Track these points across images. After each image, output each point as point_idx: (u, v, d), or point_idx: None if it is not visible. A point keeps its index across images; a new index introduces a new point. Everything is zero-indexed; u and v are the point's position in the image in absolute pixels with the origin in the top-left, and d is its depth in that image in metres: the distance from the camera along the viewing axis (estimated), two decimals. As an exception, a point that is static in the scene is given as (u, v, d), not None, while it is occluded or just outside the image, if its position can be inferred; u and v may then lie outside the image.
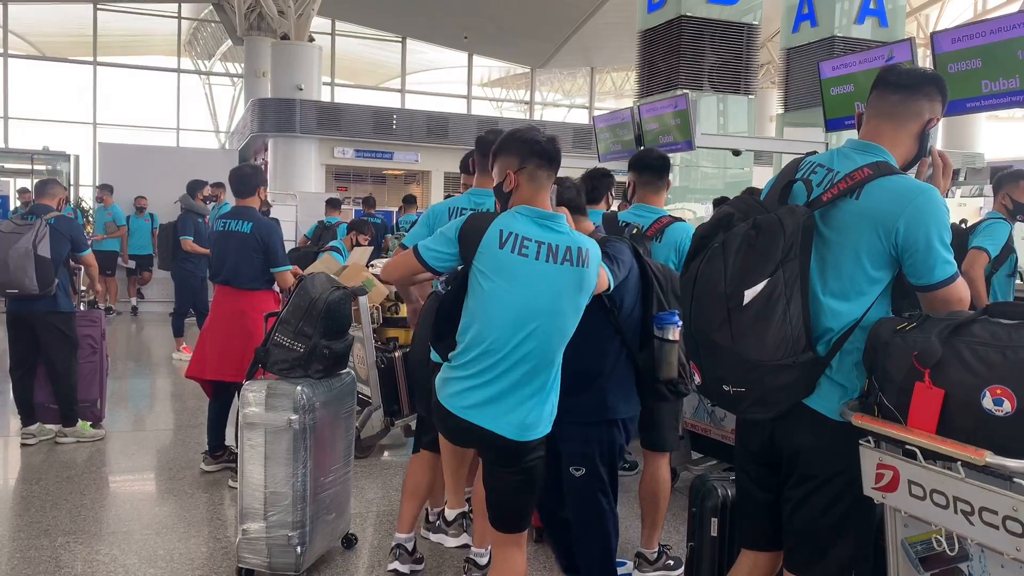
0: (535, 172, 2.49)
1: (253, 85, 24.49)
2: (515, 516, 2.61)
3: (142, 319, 11.90)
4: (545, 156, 2.51)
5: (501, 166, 2.54)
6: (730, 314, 2.04)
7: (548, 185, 2.54)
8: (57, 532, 3.91)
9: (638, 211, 3.69)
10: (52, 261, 5.00)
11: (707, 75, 12.02)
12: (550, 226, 2.47)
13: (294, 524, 3.35)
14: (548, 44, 31.12)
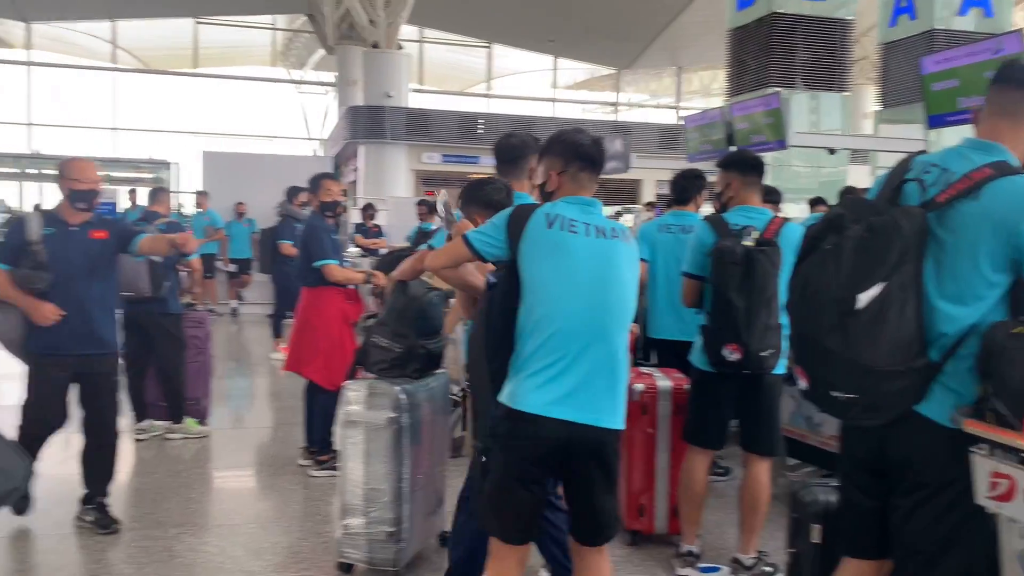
0: (578, 175, 2.53)
1: (345, 93, 25.11)
2: (612, 520, 2.59)
3: (241, 320, 12.34)
4: (589, 159, 2.54)
5: (545, 167, 2.57)
6: (842, 319, 2.00)
7: (591, 188, 2.56)
8: (169, 524, 4.11)
9: (746, 213, 3.55)
10: (163, 265, 5.26)
11: (799, 72, 11.75)
12: (591, 211, 2.51)
13: (393, 520, 3.44)
14: (635, 44, 30.91)
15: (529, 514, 2.46)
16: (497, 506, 2.47)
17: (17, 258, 3.73)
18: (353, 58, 24.50)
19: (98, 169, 4.12)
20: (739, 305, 3.24)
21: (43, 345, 3.76)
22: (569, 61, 33.80)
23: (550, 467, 2.45)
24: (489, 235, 2.50)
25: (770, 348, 3.24)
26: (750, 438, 3.56)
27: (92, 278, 3.88)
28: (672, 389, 3.83)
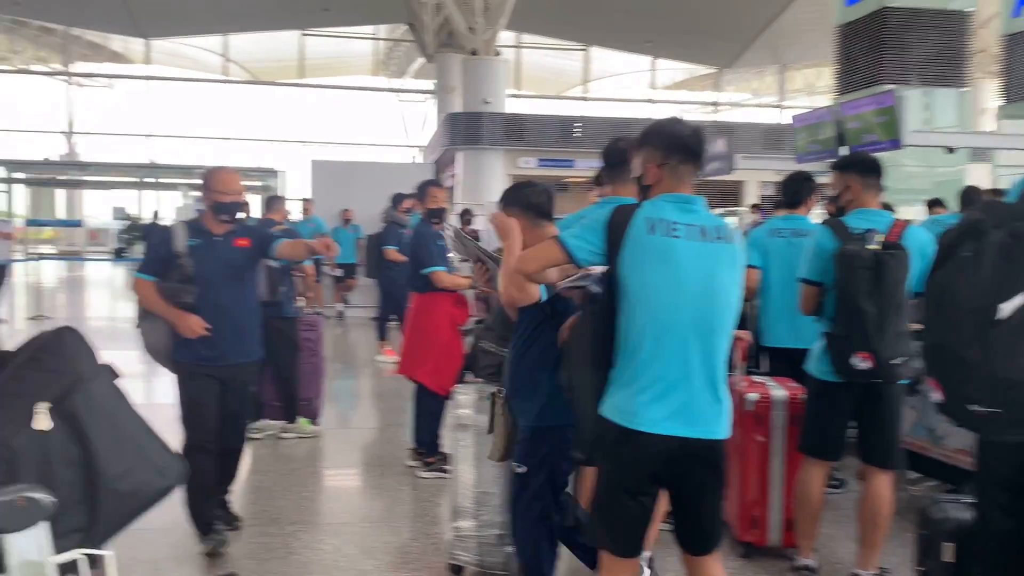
0: (678, 168, 2.42)
1: (443, 100, 25.54)
2: (720, 527, 2.54)
3: (347, 323, 12.68)
4: (689, 151, 2.43)
5: (643, 159, 2.47)
6: (982, 329, 1.90)
7: (691, 181, 2.45)
8: (285, 521, 4.25)
9: (866, 216, 3.42)
10: (279, 270, 5.45)
11: (913, 68, 11.26)
12: (691, 208, 2.40)
13: (503, 524, 3.46)
14: (736, 43, 30.31)
15: (639, 526, 2.43)
16: (606, 519, 2.44)
17: (163, 270, 3.70)
18: (452, 65, 24.89)
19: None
20: (869, 311, 3.12)
21: (192, 356, 3.72)
22: (668, 61, 33.40)
23: (660, 479, 2.41)
24: (586, 238, 2.38)
25: (902, 355, 3.12)
26: (871, 450, 3.43)
27: (237, 287, 3.85)
28: (787, 398, 3.73)
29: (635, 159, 2.52)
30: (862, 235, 3.27)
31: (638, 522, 2.42)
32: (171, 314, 3.66)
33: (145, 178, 28.20)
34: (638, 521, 2.41)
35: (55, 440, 1.42)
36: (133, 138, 31.48)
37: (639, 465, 2.35)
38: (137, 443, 1.51)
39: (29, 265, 19.17)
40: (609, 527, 2.44)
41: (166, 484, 1.55)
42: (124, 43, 33.23)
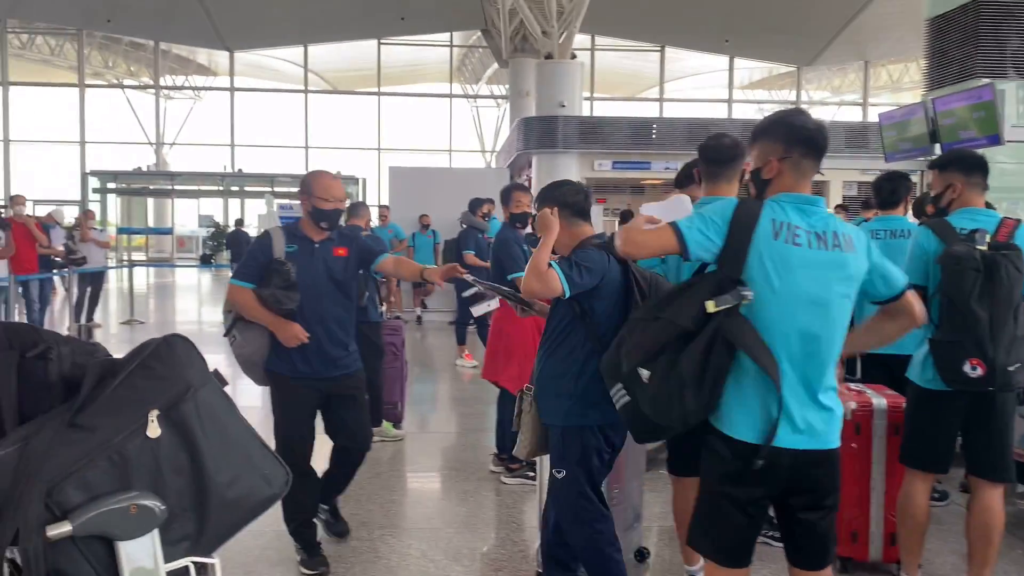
0: (800, 162, 2.31)
1: (517, 105, 25.60)
2: (834, 541, 2.44)
3: (426, 328, 12.79)
4: (813, 145, 2.32)
5: (763, 151, 2.35)
6: None
7: (812, 177, 2.34)
8: (373, 525, 4.28)
9: (971, 215, 3.25)
10: (363, 276, 5.50)
11: (1011, 61, 10.76)
12: (813, 211, 2.28)
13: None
14: (817, 40, 29.57)
15: (748, 537, 2.35)
16: (713, 528, 2.36)
17: (262, 276, 3.53)
18: (526, 70, 24.94)
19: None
20: (982, 315, 2.97)
21: (289, 368, 3.58)
22: (745, 60, 32.79)
23: (773, 492, 2.32)
24: (706, 232, 2.25)
25: (1017, 362, 2.94)
26: (980, 462, 3.25)
27: (336, 296, 3.68)
28: (888, 407, 3.57)
29: (753, 151, 2.41)
30: (969, 235, 3.11)
31: (746, 533, 2.34)
32: (272, 322, 3.52)
33: (230, 186, 29.07)
34: (746, 532, 2.33)
35: (165, 447, 1.43)
36: (218, 148, 32.50)
37: (754, 479, 2.25)
38: (245, 451, 1.52)
39: (122, 271, 19.96)
40: (715, 538, 2.36)
41: (272, 492, 1.55)
42: (209, 56, 34.36)
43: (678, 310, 2.22)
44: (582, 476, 2.94)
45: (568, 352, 2.92)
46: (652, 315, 2.30)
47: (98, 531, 1.35)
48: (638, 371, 2.24)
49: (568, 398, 2.92)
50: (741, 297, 2.17)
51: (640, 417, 2.33)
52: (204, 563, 1.49)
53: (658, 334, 2.24)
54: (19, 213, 10.67)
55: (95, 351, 1.56)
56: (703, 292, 2.20)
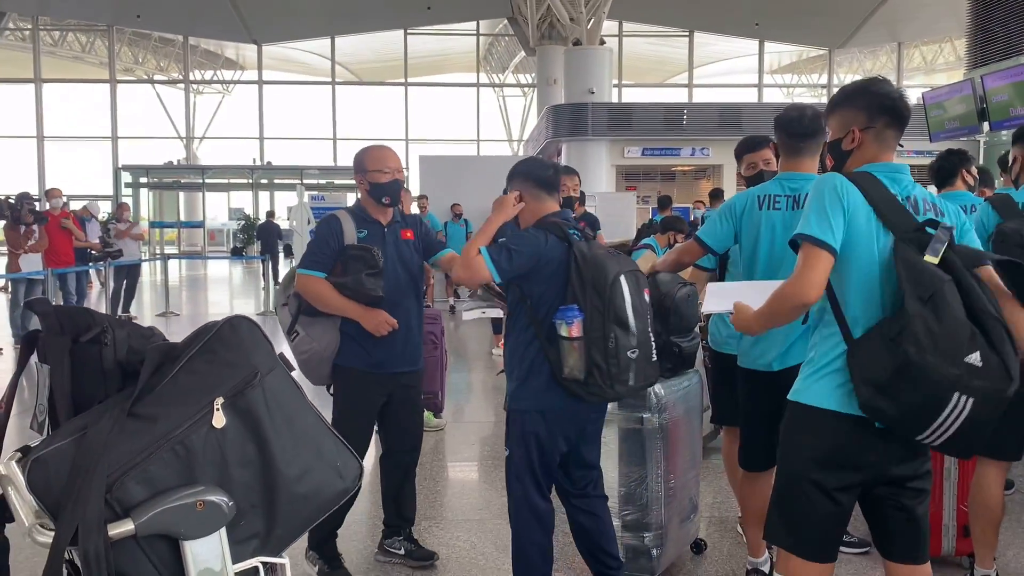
0: (883, 132, 2.21)
1: (545, 93, 25.42)
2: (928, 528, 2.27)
3: (459, 316, 12.71)
4: (897, 115, 2.22)
5: (843, 120, 2.25)
6: None
7: (894, 148, 2.23)
8: (419, 516, 4.17)
9: None
10: None
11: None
12: (901, 179, 2.19)
13: (648, 526, 3.28)
14: (849, 22, 29.07)
15: (834, 526, 2.18)
16: (792, 517, 2.19)
17: (334, 264, 3.27)
18: (554, 57, 24.75)
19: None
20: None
21: (365, 361, 3.33)
22: (776, 44, 32.33)
23: (866, 476, 2.14)
24: (829, 222, 2.08)
25: None
26: None
27: (410, 282, 3.43)
28: (960, 392, 3.40)
29: (831, 121, 2.31)
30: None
31: (833, 521, 2.16)
32: (358, 311, 3.24)
33: (259, 179, 29.22)
34: (833, 520, 2.16)
35: (231, 438, 1.32)
36: (247, 141, 32.67)
37: (849, 456, 2.09)
38: (315, 441, 1.40)
39: (155, 264, 20.11)
40: (795, 525, 2.18)
41: (345, 486, 1.44)
42: (237, 50, 34.53)
43: (919, 281, 1.96)
44: (519, 459, 2.91)
45: (516, 336, 2.89)
46: (918, 299, 1.94)
47: (163, 529, 1.25)
48: (967, 362, 1.89)
49: (514, 381, 2.90)
50: (947, 231, 2.03)
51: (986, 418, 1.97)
52: (273, 563, 1.39)
53: (949, 312, 1.93)
54: (55, 206, 10.70)
55: (152, 335, 1.46)
56: (914, 254, 2.00)
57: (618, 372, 2.71)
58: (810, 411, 2.13)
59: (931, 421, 1.91)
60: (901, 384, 1.91)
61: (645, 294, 2.81)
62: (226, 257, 26.20)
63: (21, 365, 1.47)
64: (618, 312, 2.69)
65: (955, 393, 1.87)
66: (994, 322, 1.94)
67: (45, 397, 1.39)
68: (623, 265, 2.79)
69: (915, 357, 1.88)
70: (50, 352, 1.36)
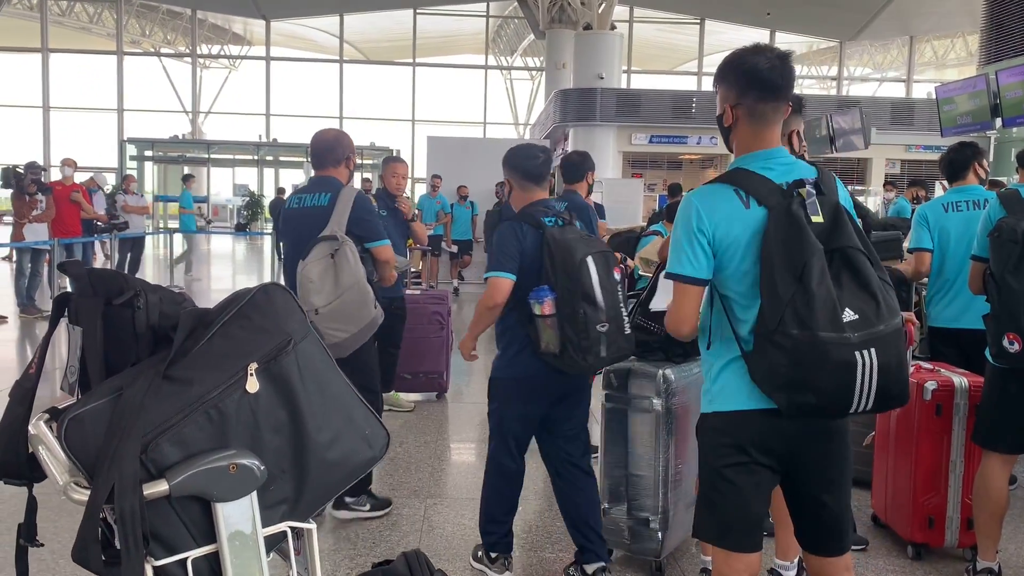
0: (756, 107, 2.07)
1: (553, 77, 25.30)
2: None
3: (462, 299, 12.71)
4: (767, 86, 2.05)
5: (720, 97, 2.15)
6: None
7: (777, 120, 2.10)
8: (425, 494, 4.22)
9: None
10: None
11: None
12: (774, 167, 2.09)
13: (655, 508, 3.30)
14: (861, 14, 28.90)
15: (751, 514, 2.13)
16: (714, 510, 2.16)
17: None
18: (563, 41, 24.61)
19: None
20: (1016, 288, 2.87)
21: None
22: (787, 35, 32.16)
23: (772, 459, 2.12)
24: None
25: None
26: (977, 429, 3.13)
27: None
28: (969, 386, 3.42)
29: (717, 97, 2.19)
30: None
31: (747, 508, 2.12)
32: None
33: (265, 156, 29.12)
34: (747, 507, 2.12)
35: (264, 403, 1.33)
36: (253, 117, 32.57)
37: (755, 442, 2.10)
38: (346, 410, 1.41)
39: (158, 238, 20.11)
40: (718, 519, 2.15)
41: (372, 455, 1.45)
42: (245, 25, 34.35)
43: (790, 260, 1.94)
44: (495, 422, 3.32)
45: (504, 316, 3.16)
46: (794, 278, 1.93)
47: (196, 491, 1.26)
48: (846, 321, 1.89)
49: (497, 353, 3.29)
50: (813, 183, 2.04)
51: None
52: (300, 528, 1.40)
53: (814, 281, 1.91)
54: (68, 176, 10.68)
55: (183, 300, 1.47)
56: (788, 227, 1.96)
57: (589, 345, 2.93)
58: (714, 416, 2.14)
59: (851, 390, 1.87)
60: (807, 370, 1.87)
61: (615, 273, 3.02)
62: (230, 232, 26.14)
63: (52, 325, 1.48)
64: (586, 290, 2.92)
65: (855, 352, 1.84)
66: (862, 263, 1.91)
67: (77, 359, 1.40)
68: (591, 247, 3.00)
69: (803, 338, 1.86)
70: (83, 314, 1.37)
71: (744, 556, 2.13)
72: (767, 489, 2.15)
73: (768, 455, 2.08)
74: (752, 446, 2.08)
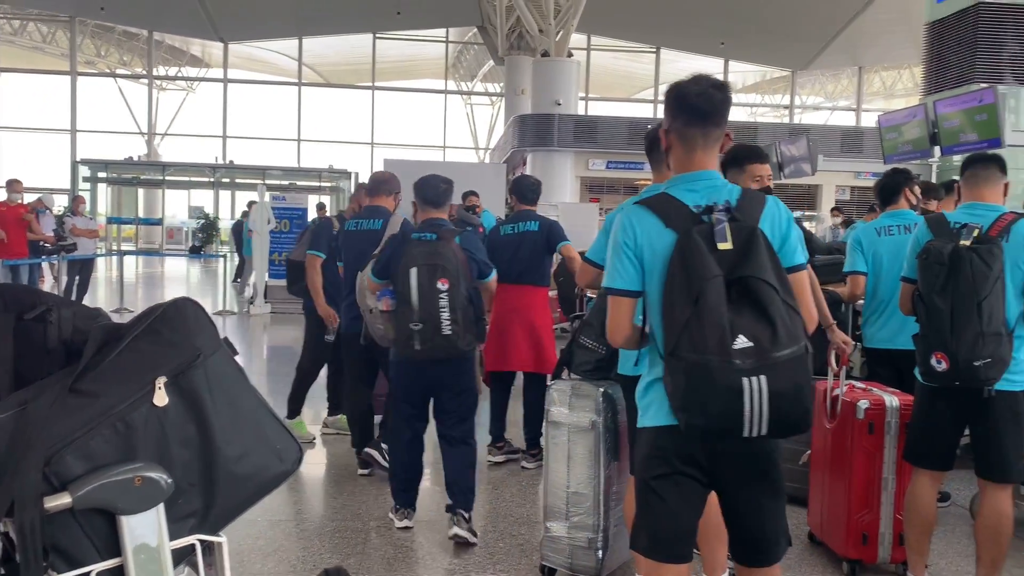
0: (685, 131, 2.16)
1: (512, 102, 25.54)
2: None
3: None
4: (693, 111, 2.14)
5: (665, 122, 2.24)
6: None
7: (705, 144, 2.16)
8: (368, 516, 4.19)
9: (971, 210, 3.23)
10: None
11: (1008, 67, 10.80)
12: (698, 187, 2.15)
13: (595, 527, 3.33)
14: (812, 45, 29.66)
15: (678, 525, 2.18)
16: (646, 520, 2.21)
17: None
18: (522, 67, 24.89)
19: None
20: (943, 308, 2.96)
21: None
22: (741, 64, 32.86)
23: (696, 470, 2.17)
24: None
25: (985, 358, 2.89)
26: (983, 462, 3.19)
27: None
28: (899, 406, 3.50)
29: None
30: (959, 230, 3.07)
31: (675, 519, 2.17)
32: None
33: (221, 178, 28.87)
34: (675, 518, 2.17)
35: (172, 417, 1.33)
36: (210, 139, 32.30)
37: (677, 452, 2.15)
38: (256, 424, 1.42)
39: (111, 260, 19.78)
40: (646, 529, 2.21)
41: (284, 468, 1.45)
42: (203, 47, 34.15)
43: (687, 285, 2.00)
44: (389, 394, 4.24)
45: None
46: (691, 302, 1.98)
47: (100, 504, 1.25)
48: (736, 348, 1.93)
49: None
50: (724, 211, 2.11)
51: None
52: (211, 542, 1.40)
53: (707, 306, 1.97)
54: (13, 199, 10.49)
55: (98, 316, 1.46)
56: (693, 250, 2.02)
57: (406, 339, 3.63)
58: (643, 430, 2.21)
59: (740, 415, 1.90)
60: (697, 393, 1.93)
61: (440, 283, 3.58)
62: (185, 255, 25.82)
63: (-36, 342, 1.46)
64: (405, 294, 3.60)
65: (742, 378, 1.88)
66: (765, 292, 1.93)
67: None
68: (420, 260, 3.61)
69: (691, 361, 1.91)
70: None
71: (670, 567, 2.16)
72: (696, 502, 2.18)
73: (694, 468, 2.13)
74: (678, 459, 2.13)
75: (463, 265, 3.71)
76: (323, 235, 5.26)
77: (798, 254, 2.17)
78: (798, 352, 1.91)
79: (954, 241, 3.04)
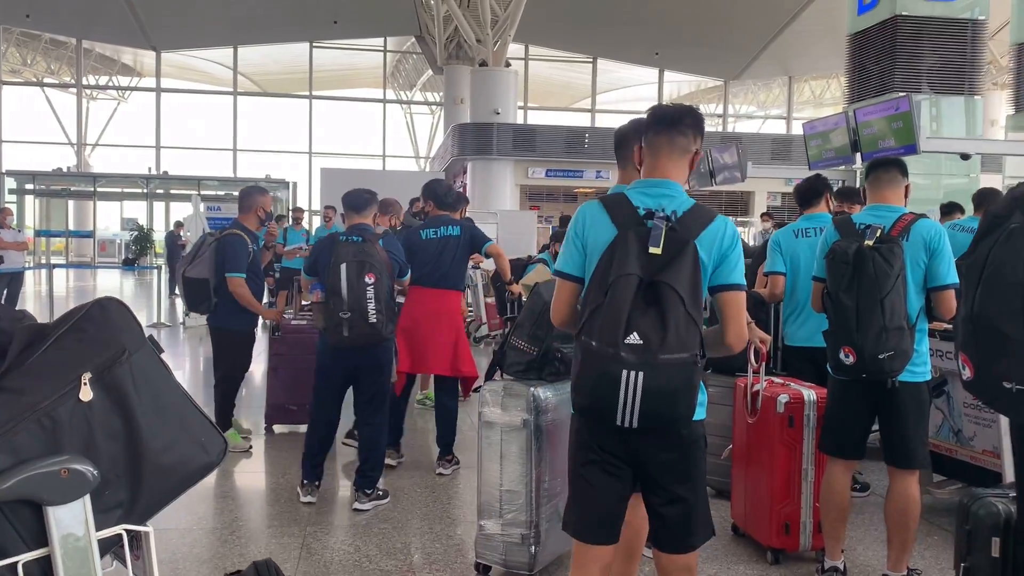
0: (653, 139, 2.37)
1: (452, 112, 25.62)
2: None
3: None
4: (662, 119, 2.36)
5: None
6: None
7: (670, 152, 2.34)
8: (305, 522, 4.21)
9: (875, 212, 3.42)
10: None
11: (925, 77, 11.27)
12: (651, 192, 2.32)
13: (527, 523, 3.41)
14: (743, 55, 30.42)
15: (604, 507, 2.33)
16: (575, 503, 2.38)
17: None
18: (461, 77, 25.00)
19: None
20: (849, 305, 3.14)
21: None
22: (675, 74, 33.49)
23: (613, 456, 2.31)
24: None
25: (888, 351, 3.08)
26: (890, 450, 3.39)
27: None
28: (816, 399, 3.68)
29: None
30: (863, 231, 3.26)
31: (601, 500, 2.32)
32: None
33: (155, 189, 28.30)
34: (601, 499, 2.32)
35: (98, 412, 1.37)
36: (143, 150, 31.62)
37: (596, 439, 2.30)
38: (180, 417, 1.47)
39: (40, 274, 19.22)
40: (576, 511, 2.37)
41: (209, 460, 1.51)
42: (135, 56, 33.44)
43: (603, 277, 2.18)
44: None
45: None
46: (602, 291, 2.13)
47: (26, 495, 1.29)
48: (627, 342, 2.07)
49: None
50: (663, 219, 2.27)
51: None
52: (138, 532, 1.44)
53: (614, 299, 2.12)
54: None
55: (23, 317, 1.50)
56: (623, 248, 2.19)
57: (336, 326, 4.13)
58: (572, 417, 2.36)
59: (615, 402, 2.03)
60: (586, 376, 2.09)
61: (367, 277, 4.10)
62: (117, 267, 25.21)
63: None
64: (335, 287, 4.10)
65: (622, 370, 2.01)
66: (670, 299, 2.05)
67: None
68: (350, 257, 4.11)
69: (586, 344, 2.08)
70: (-83, 332, 1.39)
71: (593, 548, 2.30)
72: (620, 487, 2.30)
73: (614, 455, 2.25)
74: (599, 445, 2.26)
75: (386, 263, 4.26)
76: (240, 254, 5.25)
77: (735, 275, 2.28)
78: (683, 359, 2.03)
79: (859, 241, 3.22)
